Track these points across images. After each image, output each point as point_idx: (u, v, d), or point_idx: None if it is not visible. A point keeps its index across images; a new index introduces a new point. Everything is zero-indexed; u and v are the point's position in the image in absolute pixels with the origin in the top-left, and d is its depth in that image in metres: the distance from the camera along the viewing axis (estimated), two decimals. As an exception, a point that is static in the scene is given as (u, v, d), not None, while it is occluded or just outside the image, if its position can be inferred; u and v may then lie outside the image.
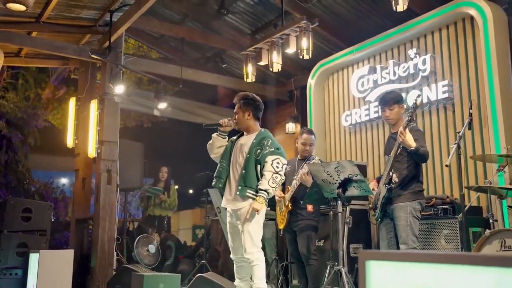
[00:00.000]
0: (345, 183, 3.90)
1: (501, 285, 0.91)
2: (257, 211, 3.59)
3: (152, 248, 6.61)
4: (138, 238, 6.60)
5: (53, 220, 10.56)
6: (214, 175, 3.90)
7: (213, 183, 3.91)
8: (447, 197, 4.62)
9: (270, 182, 3.61)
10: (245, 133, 3.92)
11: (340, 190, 3.89)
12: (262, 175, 3.66)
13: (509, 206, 4.02)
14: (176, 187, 8.59)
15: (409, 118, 3.63)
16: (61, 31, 6.36)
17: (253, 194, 3.64)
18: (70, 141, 7.06)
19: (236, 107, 3.89)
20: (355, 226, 5.26)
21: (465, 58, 5.27)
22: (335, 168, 3.88)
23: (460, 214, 4.19)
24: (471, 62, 5.20)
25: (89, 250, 6.61)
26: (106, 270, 5.80)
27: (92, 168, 6.81)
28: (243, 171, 3.69)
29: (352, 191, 3.93)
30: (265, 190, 3.60)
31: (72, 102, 7.22)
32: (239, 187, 3.67)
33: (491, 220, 4.01)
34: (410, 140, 3.63)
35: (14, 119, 9.95)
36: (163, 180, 7.90)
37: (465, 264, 1.04)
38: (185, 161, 11.07)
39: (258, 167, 3.70)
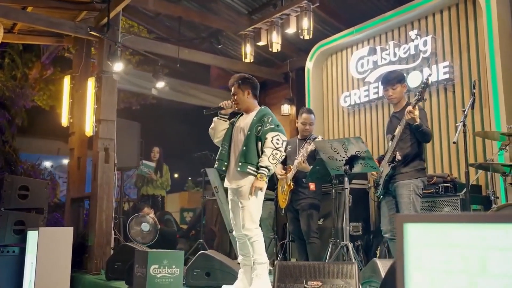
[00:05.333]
0: (352, 160, 3.94)
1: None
2: (260, 189, 3.63)
3: (145, 226, 6.57)
4: (132, 217, 6.58)
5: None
6: (217, 157, 3.89)
7: (215, 165, 3.90)
8: (448, 175, 4.70)
9: (270, 158, 3.62)
10: (244, 113, 3.91)
11: (347, 167, 3.93)
12: (262, 151, 3.67)
13: (511, 184, 4.11)
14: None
15: (419, 97, 3.66)
16: (57, 6, 6.25)
17: (253, 171, 3.65)
18: (64, 120, 6.99)
19: (233, 88, 3.86)
20: (354, 205, 5.34)
21: (466, 39, 5.33)
22: (343, 145, 3.91)
23: (462, 192, 4.28)
24: (472, 43, 5.27)
25: (85, 229, 6.58)
26: (104, 249, 5.79)
27: (87, 147, 6.77)
28: (244, 148, 3.70)
29: (358, 167, 3.98)
30: (266, 167, 3.61)
31: (66, 80, 7.14)
32: (240, 163, 3.67)
33: (492, 197, 4.10)
34: (416, 117, 3.67)
35: (1, 98, 9.77)
36: (155, 160, 7.90)
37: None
38: (177, 143, 11.06)
39: (259, 144, 3.70)
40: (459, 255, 1.17)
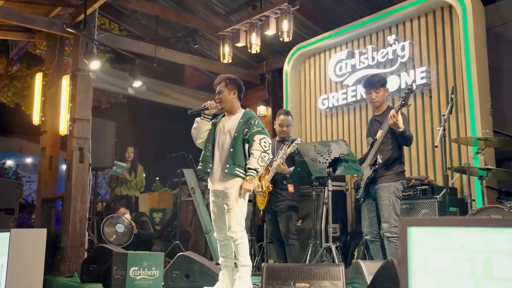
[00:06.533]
0: (335, 163, 3.98)
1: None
2: (249, 190, 3.65)
3: (120, 227, 6.45)
4: (106, 218, 6.46)
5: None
6: (200, 159, 3.85)
7: (199, 167, 3.86)
8: (425, 178, 4.81)
9: (259, 161, 3.63)
10: (227, 114, 3.89)
11: (331, 169, 3.97)
12: (250, 154, 3.67)
13: (487, 187, 4.23)
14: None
15: (403, 102, 3.74)
16: (30, 1, 6.07)
17: (241, 173, 3.65)
18: (36, 118, 6.79)
19: (220, 87, 3.83)
20: (332, 207, 5.39)
21: (443, 45, 5.47)
22: (326, 147, 3.95)
23: (440, 194, 4.38)
24: (449, 49, 5.41)
25: (57, 230, 6.41)
26: (77, 250, 5.66)
27: (60, 146, 6.60)
28: (231, 150, 3.69)
29: (341, 170, 4.03)
30: (255, 169, 3.62)
31: (38, 77, 6.94)
32: (227, 165, 3.66)
33: (469, 200, 4.21)
34: (400, 123, 3.75)
35: (-36, 95, 9.44)
36: (129, 160, 7.79)
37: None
38: (149, 143, 10.90)
39: (246, 146, 3.70)
40: (464, 258, 1.20)
